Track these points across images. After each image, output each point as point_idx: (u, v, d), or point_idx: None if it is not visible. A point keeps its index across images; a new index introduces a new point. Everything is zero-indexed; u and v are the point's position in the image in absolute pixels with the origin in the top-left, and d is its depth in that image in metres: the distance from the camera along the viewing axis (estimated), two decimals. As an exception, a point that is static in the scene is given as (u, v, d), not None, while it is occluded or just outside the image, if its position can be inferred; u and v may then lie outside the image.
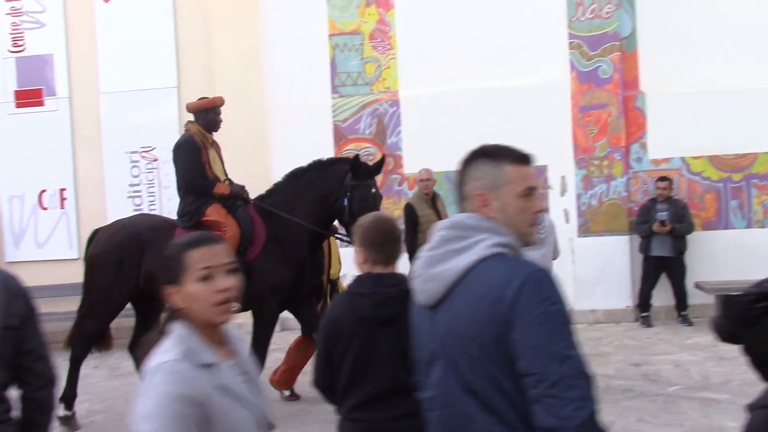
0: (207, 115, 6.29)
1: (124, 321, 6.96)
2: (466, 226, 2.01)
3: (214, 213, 6.03)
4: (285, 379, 6.61)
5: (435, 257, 2.02)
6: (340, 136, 9.88)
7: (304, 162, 6.36)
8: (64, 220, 10.33)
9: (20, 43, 10.33)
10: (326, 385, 2.88)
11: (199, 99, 6.45)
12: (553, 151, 9.33)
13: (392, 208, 9.28)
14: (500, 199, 2.02)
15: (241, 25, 9.91)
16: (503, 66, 9.45)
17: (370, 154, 9.76)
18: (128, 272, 6.05)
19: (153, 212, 9.95)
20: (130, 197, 10.21)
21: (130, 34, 10.11)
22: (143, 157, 10.18)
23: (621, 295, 9.20)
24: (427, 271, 2.03)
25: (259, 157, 9.81)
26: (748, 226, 9.20)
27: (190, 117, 10.28)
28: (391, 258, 2.85)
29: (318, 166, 6.25)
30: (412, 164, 9.45)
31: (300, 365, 6.61)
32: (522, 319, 1.80)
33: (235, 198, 6.20)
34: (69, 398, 6.18)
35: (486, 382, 1.87)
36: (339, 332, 2.77)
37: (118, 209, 10.17)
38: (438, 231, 2.08)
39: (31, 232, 10.36)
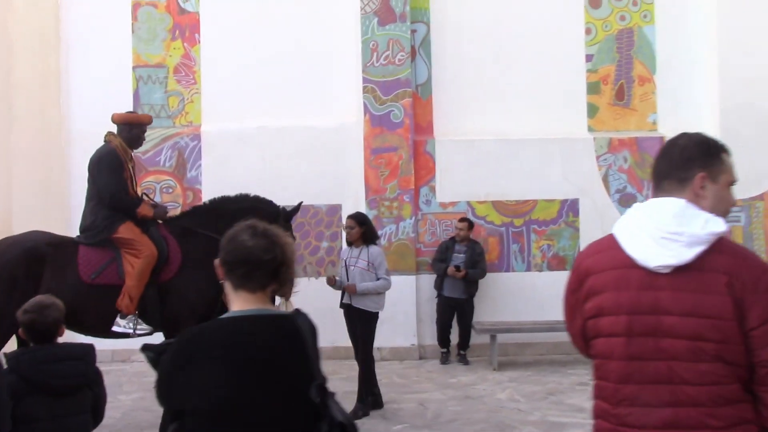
0: (131, 130, 6.13)
1: None
2: None
3: (127, 231, 5.82)
4: None
5: None
6: (140, 167, 9.75)
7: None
8: None
9: None
10: None
11: (127, 113, 6.29)
12: (347, 190, 9.60)
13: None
14: None
15: (42, 49, 9.80)
16: (301, 106, 9.68)
17: (169, 187, 9.81)
18: (23, 291, 5.31)
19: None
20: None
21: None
22: (-64, 180, 9.89)
23: (406, 333, 9.44)
24: None
25: (55, 183, 9.72)
26: (528, 270, 9.63)
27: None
28: None
29: (248, 198, 6.37)
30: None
31: None
32: None
33: (157, 219, 6.09)
34: None
35: None
36: None
37: None
38: None
39: None
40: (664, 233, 2.05)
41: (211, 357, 2.12)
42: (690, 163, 2.15)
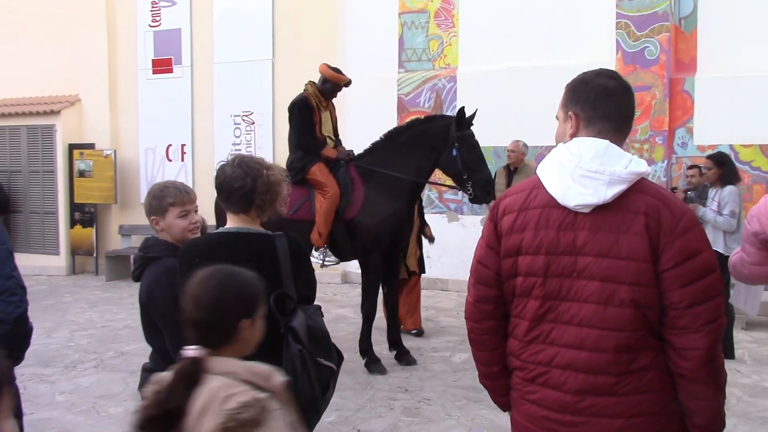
0: (324, 83, 6.58)
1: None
2: None
3: (317, 172, 6.34)
4: (411, 319, 7.61)
5: None
6: (402, 108, 10.62)
7: (370, 128, 6.98)
8: (183, 171, 12.21)
9: (157, 19, 12.25)
10: None
11: (331, 68, 6.60)
12: (596, 131, 9.34)
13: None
14: None
15: (324, 7, 10.97)
16: (553, 46, 9.57)
17: (428, 126, 10.42)
18: None
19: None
20: (231, 155, 11.77)
21: (238, 14, 11.59)
22: (244, 120, 11.70)
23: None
24: None
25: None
26: (799, 222, 8.55)
27: (282, 85, 11.65)
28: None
29: (416, 123, 6.51)
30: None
31: (416, 303, 7.62)
32: None
33: (341, 159, 6.49)
34: None
35: None
36: None
37: (223, 164, 11.85)
38: None
39: (159, 178, 12.31)
40: (585, 172, 2.00)
41: (192, 264, 2.53)
42: (632, 115, 2.18)
